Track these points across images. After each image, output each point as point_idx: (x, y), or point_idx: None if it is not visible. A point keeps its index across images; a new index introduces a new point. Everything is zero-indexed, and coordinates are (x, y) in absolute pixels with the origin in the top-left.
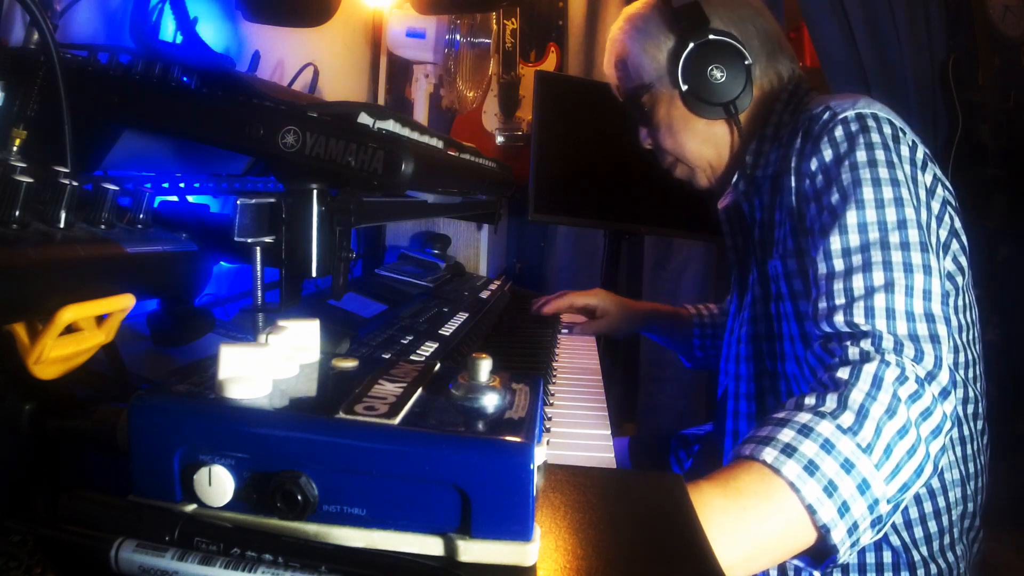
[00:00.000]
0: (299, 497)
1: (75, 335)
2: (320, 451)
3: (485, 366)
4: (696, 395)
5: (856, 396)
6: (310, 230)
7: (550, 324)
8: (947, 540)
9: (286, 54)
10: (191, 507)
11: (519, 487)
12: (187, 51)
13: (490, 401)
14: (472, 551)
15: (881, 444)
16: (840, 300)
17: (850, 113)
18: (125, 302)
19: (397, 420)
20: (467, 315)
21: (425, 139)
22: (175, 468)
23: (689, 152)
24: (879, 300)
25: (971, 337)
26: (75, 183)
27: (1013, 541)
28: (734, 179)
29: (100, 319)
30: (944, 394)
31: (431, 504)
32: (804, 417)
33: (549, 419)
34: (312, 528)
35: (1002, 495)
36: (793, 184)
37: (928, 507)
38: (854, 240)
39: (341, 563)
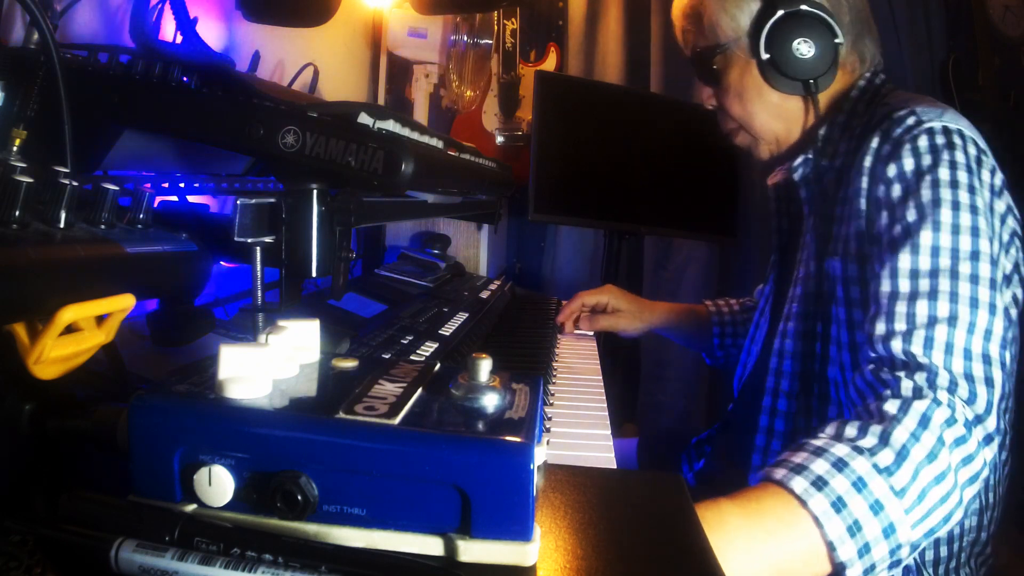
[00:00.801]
0: (299, 497)
1: (75, 335)
2: (320, 451)
3: (485, 366)
4: (698, 395)
5: (900, 435)
6: (310, 230)
7: (550, 324)
8: (954, 563)
9: (286, 54)
10: (191, 507)
11: (519, 487)
12: (187, 51)
13: (490, 401)
14: (472, 551)
15: (915, 489)
16: (901, 325)
17: (937, 124)
18: (125, 302)
19: (397, 420)
20: (467, 315)
21: (425, 139)
22: (175, 468)
23: (758, 123)
24: (940, 332)
25: (1011, 370)
26: (75, 183)
27: (1013, 542)
28: (797, 161)
29: (100, 319)
30: (988, 440)
31: (431, 504)
32: (841, 450)
33: (549, 419)
34: (312, 528)
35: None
36: (864, 185)
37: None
38: (924, 263)
39: (341, 563)
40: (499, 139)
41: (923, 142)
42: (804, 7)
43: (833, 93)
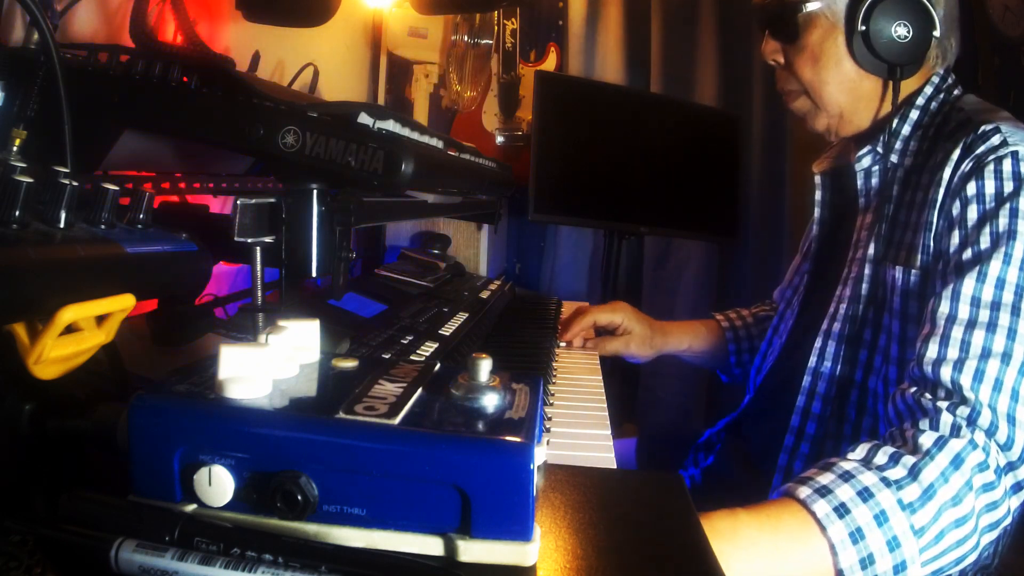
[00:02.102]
0: (299, 497)
1: (75, 335)
2: (320, 451)
3: (485, 366)
4: (698, 393)
5: (930, 472)
6: (310, 230)
7: (550, 324)
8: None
9: (286, 54)
10: (191, 507)
11: (519, 487)
12: (187, 51)
13: (490, 401)
14: (472, 551)
15: (935, 529)
16: (953, 352)
17: (1023, 150)
18: (125, 302)
19: (397, 420)
20: (467, 315)
21: (425, 139)
22: (175, 468)
23: (827, 93)
24: (992, 367)
25: None
26: (75, 183)
27: (1012, 542)
28: (863, 151)
29: (100, 319)
30: (1016, 488)
31: (431, 504)
32: (869, 479)
33: (549, 419)
34: (312, 528)
35: None
36: (940, 197)
37: None
38: (988, 293)
39: (341, 563)
40: (499, 139)
41: (1008, 166)
42: None
43: (911, 86)
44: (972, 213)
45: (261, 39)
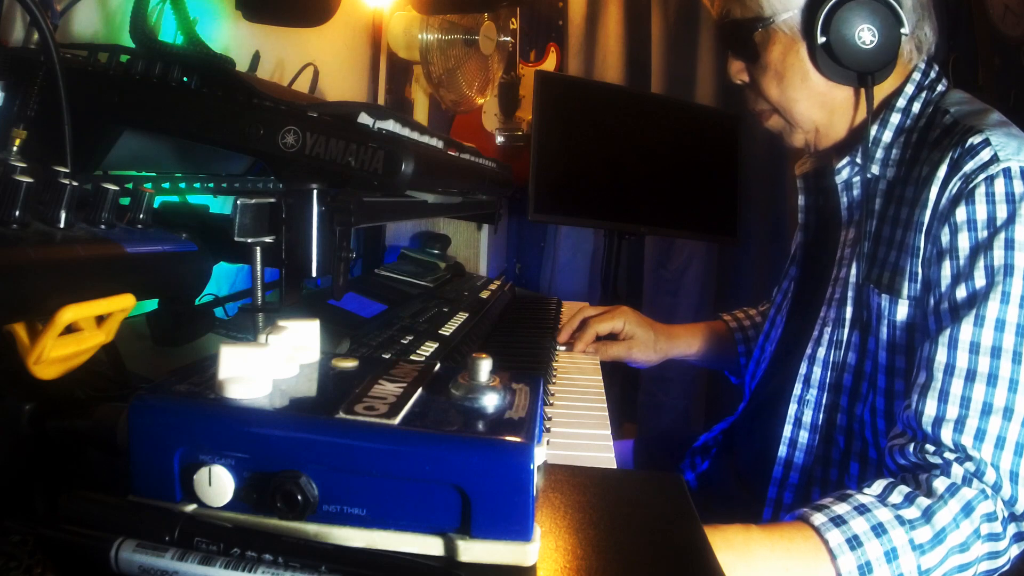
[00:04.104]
0: (299, 497)
1: (75, 335)
2: (320, 451)
3: (485, 366)
4: (698, 395)
5: (942, 517)
6: (310, 230)
7: (550, 324)
8: None
9: (286, 54)
10: (191, 507)
11: (519, 487)
12: (187, 51)
13: (490, 401)
14: (472, 551)
15: (939, 572)
16: (953, 411)
17: (1015, 166)
18: (125, 302)
19: (397, 420)
20: (467, 315)
21: (425, 139)
22: (175, 468)
23: (798, 110)
24: (993, 425)
25: None
26: (75, 183)
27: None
28: (842, 163)
29: (100, 319)
30: (1018, 538)
31: (431, 504)
32: (884, 515)
33: (549, 419)
34: (312, 528)
35: None
36: (925, 220)
37: None
38: (987, 339)
39: (341, 563)
40: (499, 139)
41: (999, 188)
42: None
43: (887, 87)
44: (964, 243)
45: (261, 39)
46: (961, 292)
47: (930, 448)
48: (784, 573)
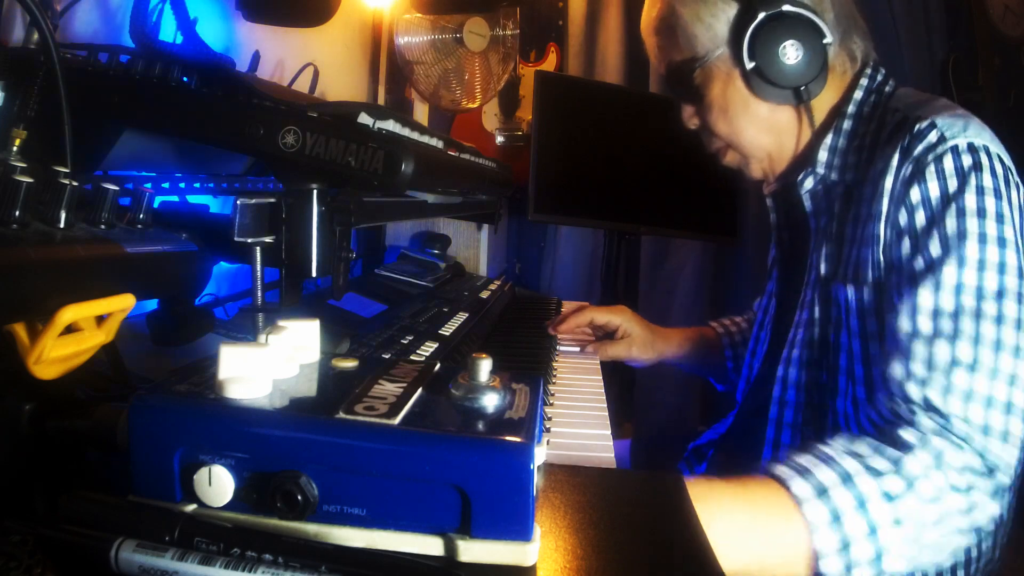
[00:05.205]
0: (299, 497)
1: (75, 335)
2: (320, 451)
3: (485, 366)
4: (694, 394)
5: (912, 468)
6: (310, 230)
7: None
8: None
9: (286, 54)
10: (191, 507)
11: (519, 487)
12: (187, 51)
13: (490, 401)
14: (472, 551)
15: (912, 524)
16: (919, 369)
17: (961, 142)
18: (125, 302)
19: (397, 420)
20: (467, 315)
21: (425, 139)
22: (175, 468)
23: (747, 140)
24: (960, 379)
25: None
26: (75, 183)
27: (1012, 541)
28: (800, 176)
29: (100, 319)
30: (998, 493)
31: (431, 504)
32: (852, 466)
33: (549, 419)
34: (312, 528)
35: None
36: (884, 208)
37: (961, 557)
38: (947, 302)
39: (341, 563)
40: (499, 139)
41: (948, 164)
42: (786, 7)
43: (830, 99)
44: (920, 219)
45: (261, 39)
46: (919, 263)
47: (900, 404)
48: (748, 521)
